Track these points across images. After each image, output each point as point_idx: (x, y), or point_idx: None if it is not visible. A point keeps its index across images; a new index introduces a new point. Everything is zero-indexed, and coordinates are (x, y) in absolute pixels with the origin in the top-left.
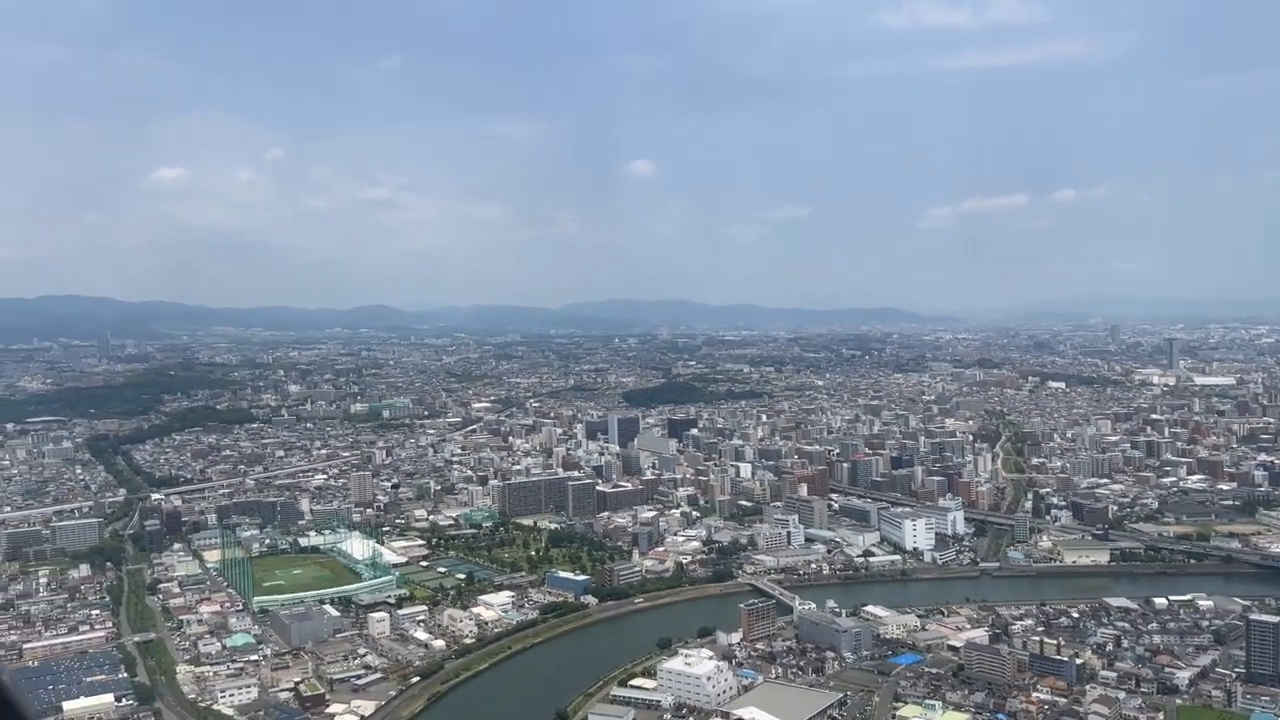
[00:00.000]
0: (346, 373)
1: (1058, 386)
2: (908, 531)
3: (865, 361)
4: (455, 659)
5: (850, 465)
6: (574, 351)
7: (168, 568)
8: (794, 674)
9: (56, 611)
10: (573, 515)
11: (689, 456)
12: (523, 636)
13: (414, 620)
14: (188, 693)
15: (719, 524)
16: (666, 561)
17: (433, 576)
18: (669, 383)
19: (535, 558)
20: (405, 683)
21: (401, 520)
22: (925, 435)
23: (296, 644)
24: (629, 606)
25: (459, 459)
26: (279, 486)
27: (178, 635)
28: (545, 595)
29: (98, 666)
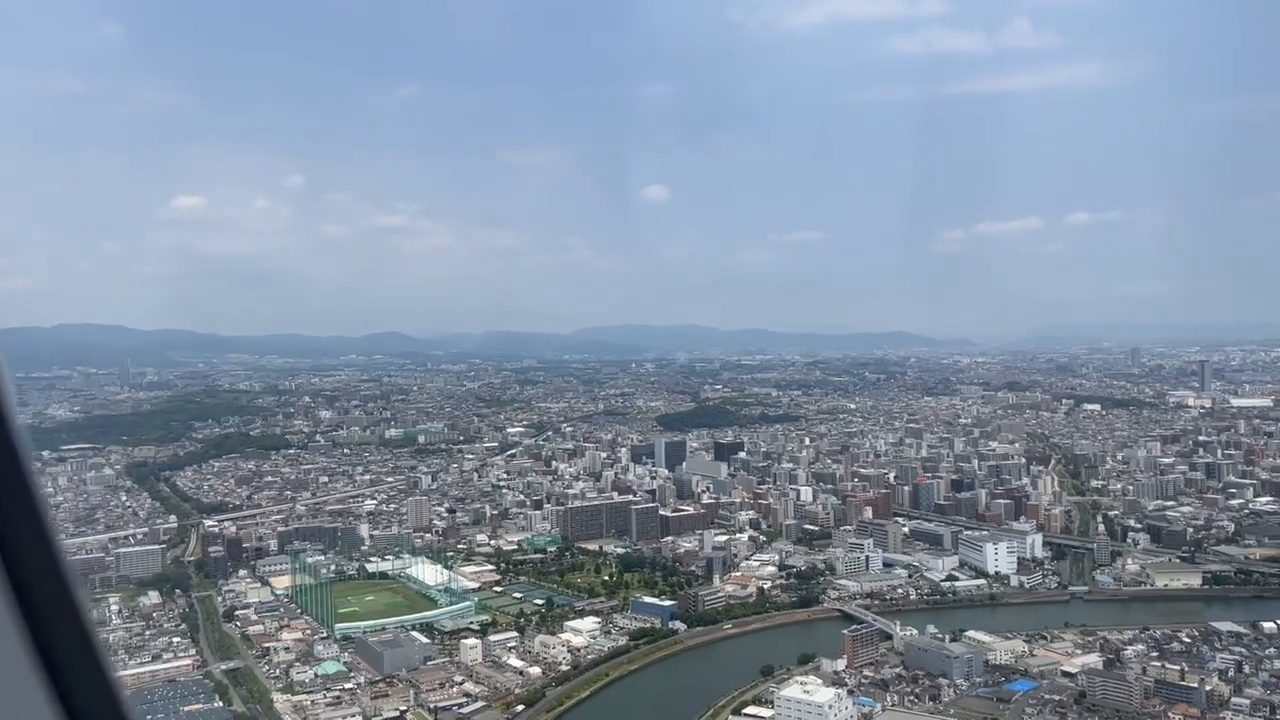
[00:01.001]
0: (374, 399)
1: (1093, 409)
2: (989, 555)
3: (891, 385)
4: (555, 686)
5: (912, 489)
6: (594, 376)
7: (238, 594)
8: (911, 702)
9: (135, 639)
10: (636, 540)
11: (742, 480)
12: (618, 663)
13: (505, 647)
14: None
15: (788, 548)
16: (749, 587)
17: (509, 602)
18: (700, 407)
19: (610, 583)
20: (509, 711)
21: (463, 545)
22: (978, 458)
23: (389, 671)
24: (718, 633)
25: (505, 483)
26: (331, 512)
27: (264, 663)
28: (630, 621)
29: (191, 695)
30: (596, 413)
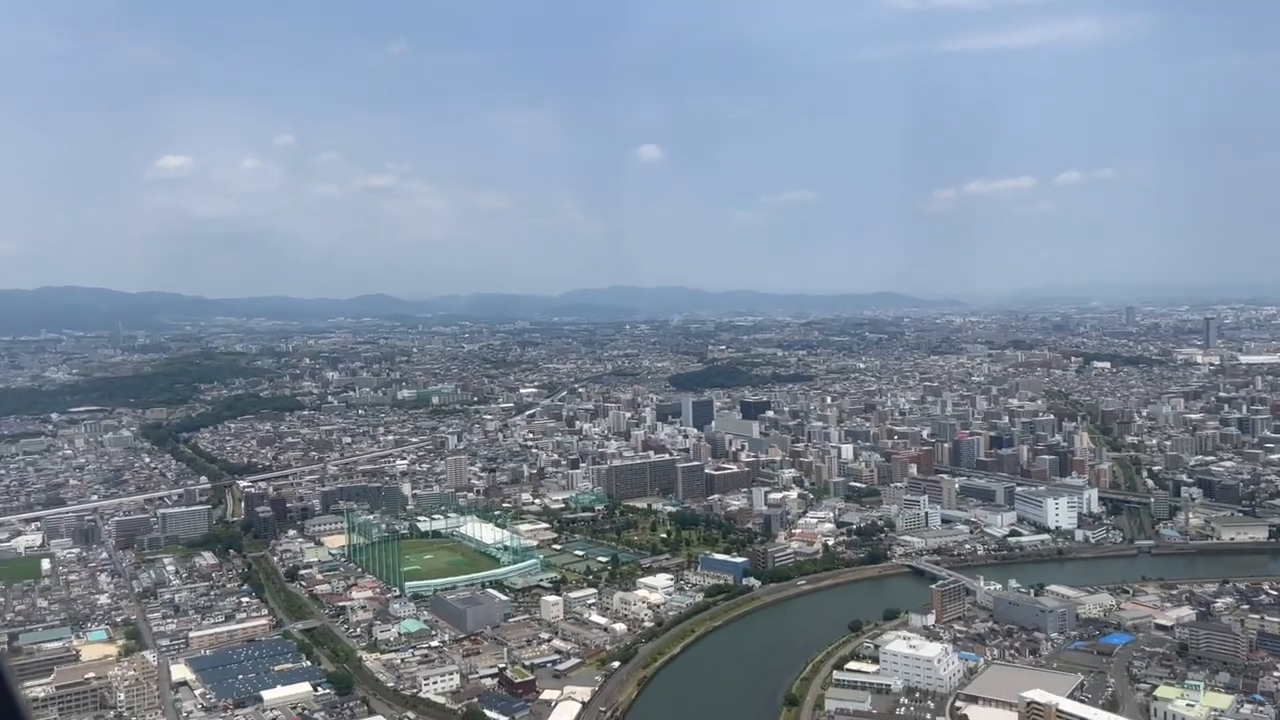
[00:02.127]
0: (376, 360)
1: (1103, 366)
2: (1049, 510)
3: (893, 344)
4: (645, 642)
5: (952, 446)
6: (591, 337)
7: (294, 554)
8: (1011, 655)
9: (202, 599)
10: (682, 498)
11: (776, 439)
12: (700, 620)
13: (585, 604)
14: (385, 680)
15: (839, 505)
16: (814, 543)
17: (571, 559)
18: (711, 367)
19: (669, 540)
20: (604, 668)
21: (508, 504)
22: (1008, 415)
23: (472, 629)
24: (792, 589)
25: (533, 443)
26: (364, 473)
27: (340, 622)
28: (702, 577)
29: (278, 654)
30: (606, 373)
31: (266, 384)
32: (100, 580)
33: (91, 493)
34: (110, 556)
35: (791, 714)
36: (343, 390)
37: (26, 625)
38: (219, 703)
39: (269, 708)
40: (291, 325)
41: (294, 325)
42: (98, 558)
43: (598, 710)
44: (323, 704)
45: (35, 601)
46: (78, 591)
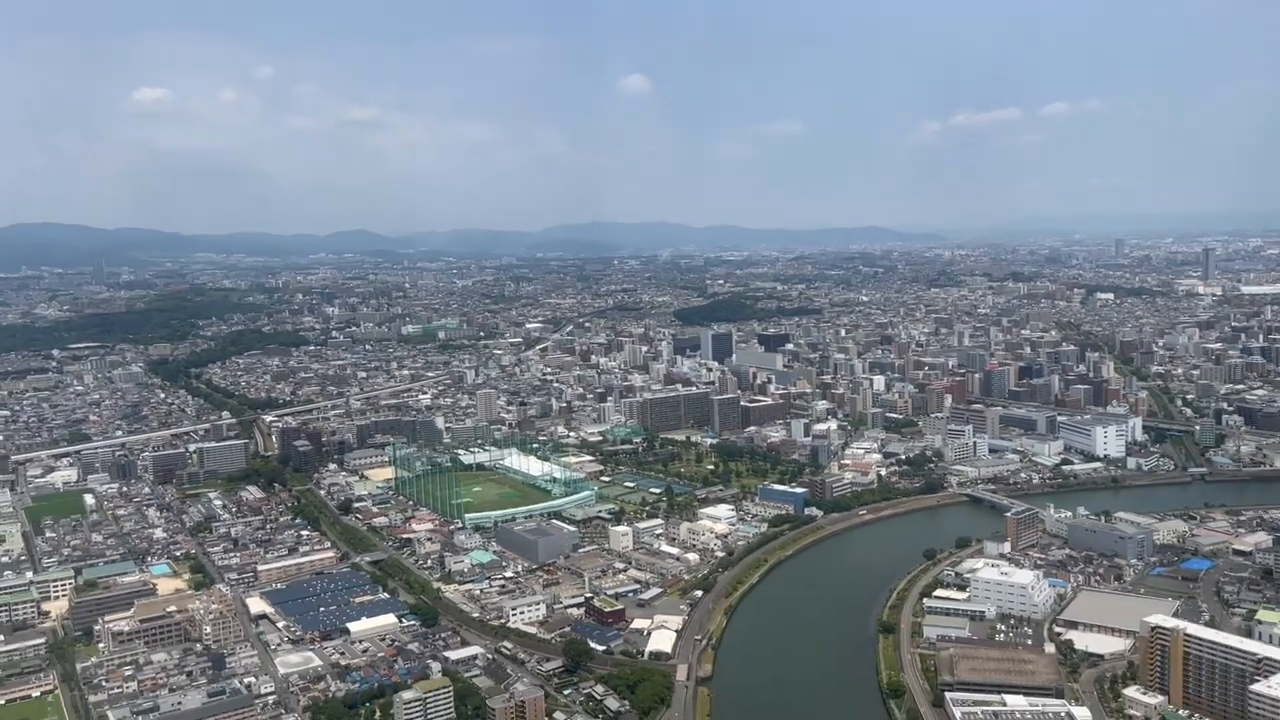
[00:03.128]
0: (373, 296)
1: (1106, 297)
2: (1098, 439)
3: (890, 278)
4: (720, 571)
5: (983, 376)
6: (583, 273)
7: (341, 487)
8: (1096, 581)
9: (259, 533)
10: (719, 430)
11: (801, 372)
12: (771, 549)
13: (653, 534)
14: (469, 611)
15: (881, 436)
16: (869, 474)
17: (622, 491)
18: (715, 301)
19: (717, 472)
20: (687, 597)
21: (544, 437)
22: (1029, 346)
23: (543, 560)
24: (854, 519)
25: (552, 377)
26: (387, 406)
27: (406, 554)
28: (762, 507)
29: (355, 586)
30: (608, 308)
31: (266, 320)
32: (149, 515)
33: (114, 428)
34: (152, 491)
35: (889, 641)
36: (345, 325)
37: (87, 560)
38: (305, 635)
39: (357, 639)
40: (273, 261)
41: (275, 261)
42: (140, 493)
43: (693, 639)
44: (411, 634)
45: (89, 536)
46: (130, 526)
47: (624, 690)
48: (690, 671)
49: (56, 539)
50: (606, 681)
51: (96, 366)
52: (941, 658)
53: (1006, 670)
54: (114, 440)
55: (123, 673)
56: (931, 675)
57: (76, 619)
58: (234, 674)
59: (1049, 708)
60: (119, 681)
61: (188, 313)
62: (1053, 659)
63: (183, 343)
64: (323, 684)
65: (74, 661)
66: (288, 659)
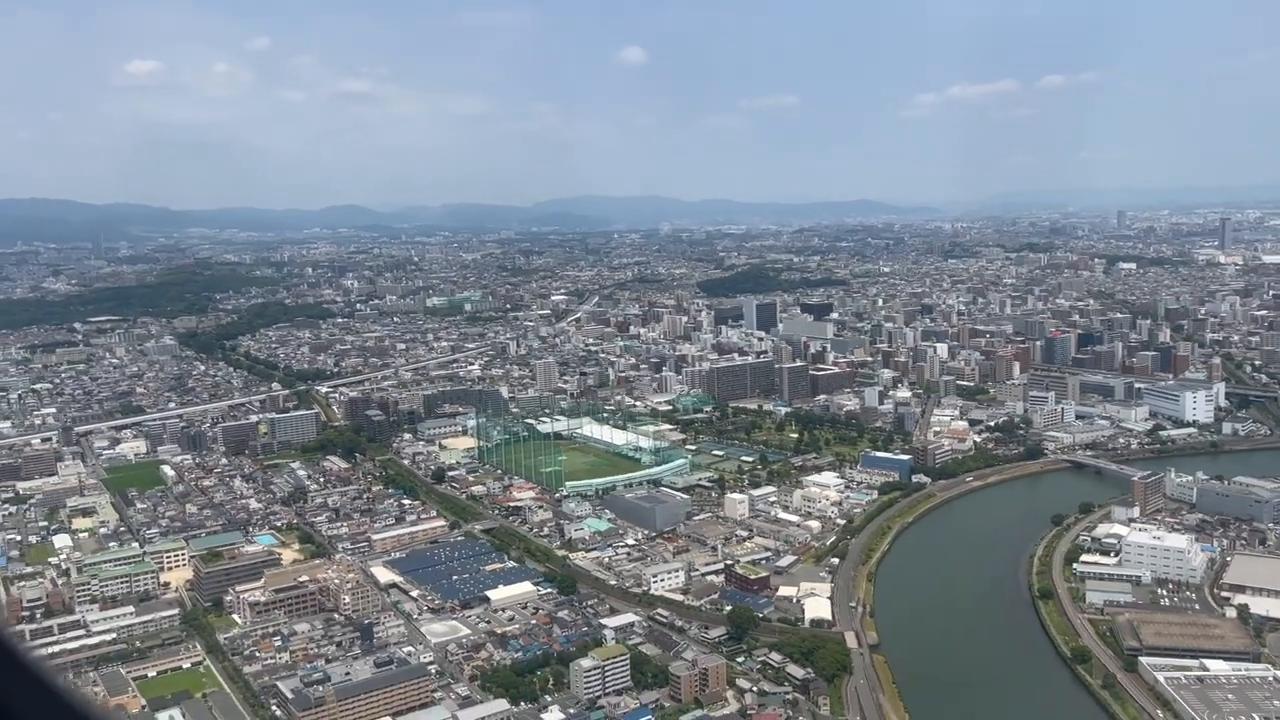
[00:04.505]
0: (389, 269)
1: (1129, 267)
2: (1187, 404)
3: (902, 250)
4: (847, 539)
5: (1045, 343)
6: (590, 246)
7: (426, 456)
8: (1241, 545)
9: (356, 503)
10: (789, 398)
11: (853, 340)
12: (890, 516)
13: (766, 501)
14: (605, 579)
15: (958, 403)
16: (965, 440)
17: (711, 459)
18: (739, 273)
19: (803, 440)
20: (822, 563)
21: (610, 406)
22: (1078, 314)
23: (661, 527)
24: (962, 486)
25: (596, 347)
26: (436, 377)
27: (519, 522)
28: (866, 475)
29: (480, 554)
30: (629, 280)
31: (285, 293)
32: (235, 485)
33: (166, 400)
34: (230, 462)
35: (1051, 607)
36: (367, 298)
37: (188, 530)
38: (444, 604)
39: (498, 607)
40: (267, 236)
41: (270, 236)
42: (218, 464)
43: (847, 605)
44: (553, 602)
45: (184, 508)
46: (220, 497)
47: (799, 657)
48: (859, 639)
49: (149, 510)
50: (779, 649)
51: (124, 340)
52: (1120, 623)
53: (1194, 635)
54: (170, 412)
55: (272, 643)
56: (1110, 640)
57: (205, 589)
58: (385, 644)
59: (1252, 671)
60: (270, 652)
61: (200, 286)
62: (1237, 623)
63: (203, 316)
64: (484, 652)
65: (214, 632)
66: (433, 628)
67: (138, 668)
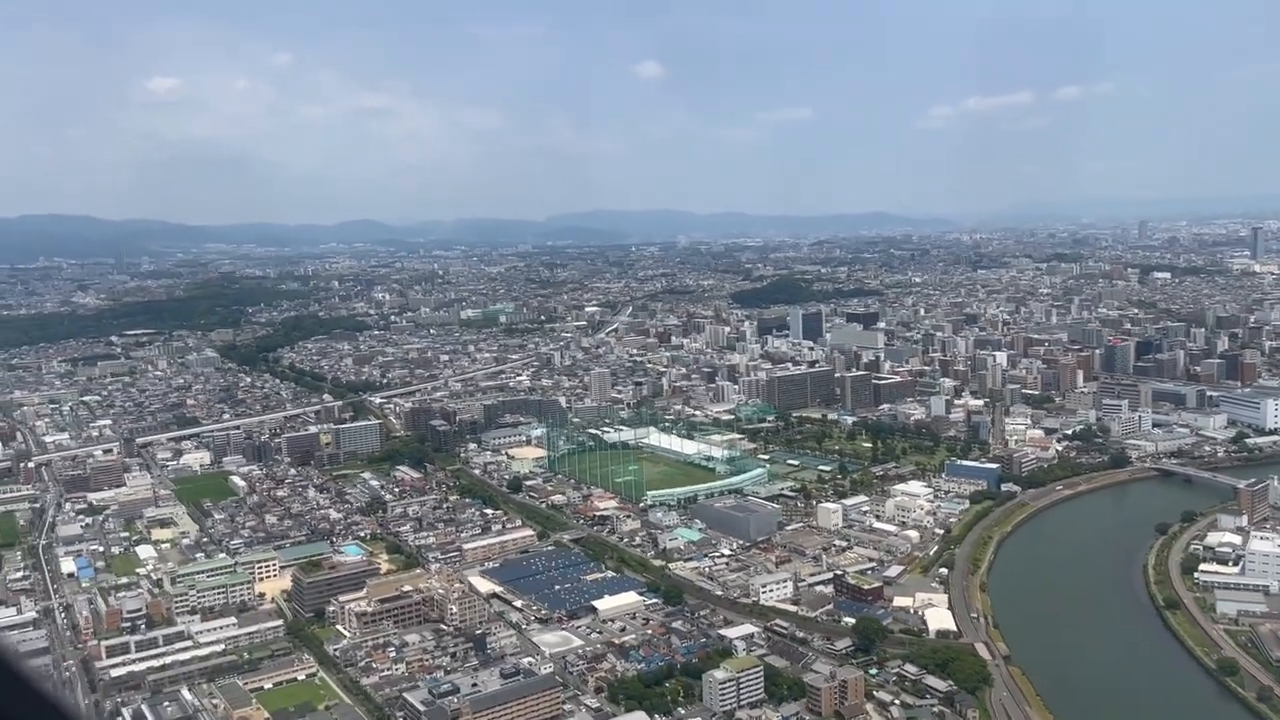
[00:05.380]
0: (416, 282)
1: (1163, 276)
2: (1268, 412)
3: (929, 261)
4: (950, 548)
5: (1104, 352)
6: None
7: (497, 466)
8: None
9: (436, 513)
10: (853, 407)
11: (906, 350)
12: (988, 526)
13: (859, 511)
14: (710, 589)
15: (1028, 411)
16: (1049, 449)
17: (786, 469)
18: (770, 284)
19: (878, 449)
20: (928, 573)
21: (670, 416)
22: (1130, 323)
23: (754, 537)
24: (1054, 494)
25: (641, 358)
26: (486, 388)
27: (607, 532)
28: (955, 484)
29: (578, 564)
30: (659, 292)
31: (317, 306)
32: (310, 496)
33: (219, 412)
34: (298, 473)
35: (1180, 617)
36: (400, 311)
37: (271, 541)
38: (551, 614)
39: (606, 618)
40: (284, 251)
41: (287, 251)
42: (286, 474)
43: (968, 616)
44: (663, 613)
45: (264, 518)
46: (297, 507)
47: (934, 669)
48: (991, 650)
49: (227, 521)
50: (911, 660)
51: (164, 352)
52: (1264, 633)
53: None
54: (226, 423)
55: (386, 654)
56: (1254, 651)
57: (306, 600)
58: (500, 654)
59: None
60: (385, 663)
61: (229, 300)
62: None
63: (236, 329)
64: (605, 663)
65: (322, 643)
66: (544, 638)
67: (253, 679)
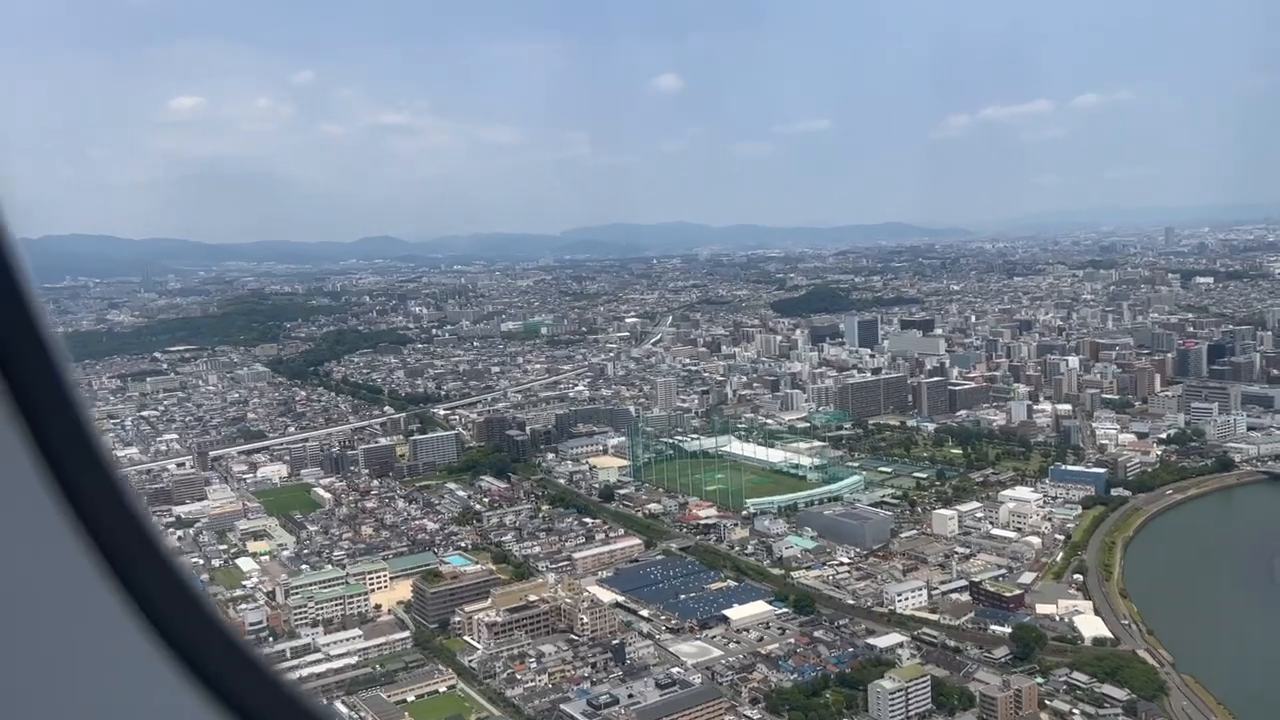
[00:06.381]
0: (450, 295)
1: (1207, 281)
2: None
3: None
4: (1075, 555)
5: (1176, 355)
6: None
7: (583, 474)
8: None
9: (535, 523)
10: (929, 414)
11: (971, 355)
12: (1108, 531)
13: (974, 517)
14: (840, 597)
15: (1112, 415)
16: (1150, 453)
17: (881, 476)
18: (811, 293)
19: (969, 456)
20: (1060, 581)
21: (742, 424)
22: (1194, 327)
23: (870, 545)
24: (1165, 500)
25: (696, 367)
26: (546, 398)
27: (715, 540)
28: (1063, 489)
29: (696, 574)
30: (695, 302)
31: (356, 320)
32: (399, 507)
33: (283, 425)
34: (381, 484)
35: None
36: (440, 324)
37: (371, 552)
38: (683, 624)
39: (740, 627)
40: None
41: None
42: (369, 485)
43: (1119, 623)
44: (799, 622)
45: (359, 529)
46: (390, 519)
47: (1103, 678)
48: (1154, 657)
49: (321, 532)
50: (1078, 668)
51: (211, 367)
52: None
53: None
54: (292, 437)
55: (526, 665)
56: None
57: (430, 611)
58: (643, 665)
59: None
60: (528, 674)
61: (265, 316)
62: None
63: (278, 344)
64: (756, 673)
65: (454, 655)
66: (681, 648)
67: (394, 692)
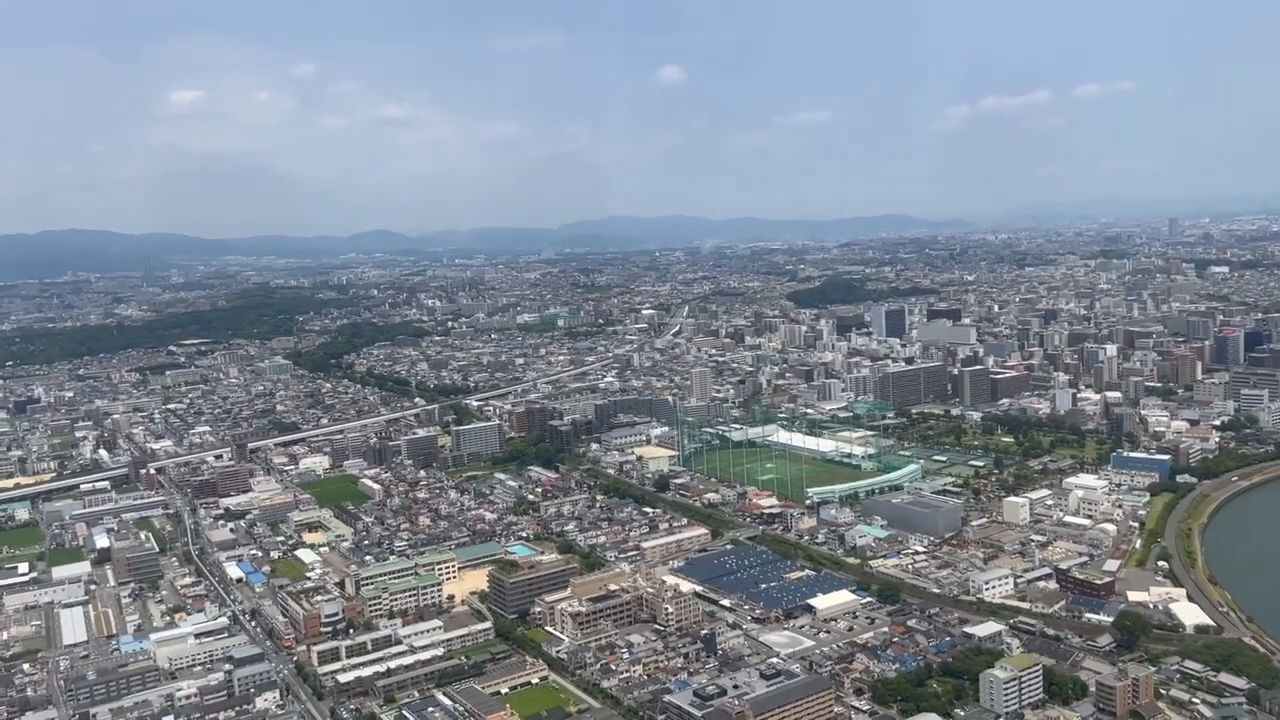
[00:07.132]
0: (460, 288)
1: (1221, 270)
2: None
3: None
4: (1154, 541)
5: (1215, 343)
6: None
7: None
8: None
9: (594, 512)
10: (970, 401)
11: (1005, 344)
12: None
13: (1045, 505)
14: (924, 586)
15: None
16: (1209, 440)
17: (933, 465)
18: (824, 284)
19: (1021, 444)
20: (1143, 567)
21: (783, 414)
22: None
23: (943, 533)
24: (1231, 486)
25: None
26: (577, 389)
27: (780, 529)
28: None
29: (770, 563)
30: (708, 294)
31: (368, 313)
32: (451, 496)
33: (315, 417)
34: (427, 475)
35: None
36: (454, 317)
37: (433, 543)
38: (768, 613)
39: (826, 616)
40: (305, 263)
41: (307, 263)
42: (416, 476)
43: (1216, 610)
44: (887, 611)
45: (416, 520)
46: (445, 509)
47: (1216, 665)
48: (1262, 644)
49: (377, 523)
50: (1189, 656)
51: (229, 360)
52: None
53: None
54: (326, 429)
55: (619, 656)
56: None
57: (509, 601)
58: (737, 655)
59: None
60: (622, 665)
61: (274, 310)
62: None
63: (293, 337)
64: (857, 663)
65: (539, 645)
66: (770, 638)
67: (487, 684)
